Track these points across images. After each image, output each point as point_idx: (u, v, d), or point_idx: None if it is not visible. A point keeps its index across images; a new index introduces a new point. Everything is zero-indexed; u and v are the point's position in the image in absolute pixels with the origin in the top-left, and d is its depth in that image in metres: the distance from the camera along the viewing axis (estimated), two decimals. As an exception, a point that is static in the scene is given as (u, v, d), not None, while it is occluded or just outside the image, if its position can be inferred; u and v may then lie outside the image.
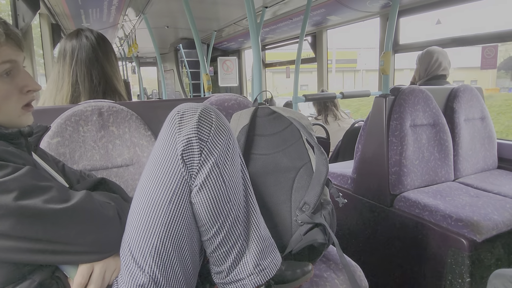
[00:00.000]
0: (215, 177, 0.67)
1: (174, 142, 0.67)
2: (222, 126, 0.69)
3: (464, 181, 1.72)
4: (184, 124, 0.67)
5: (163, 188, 0.66)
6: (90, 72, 1.23)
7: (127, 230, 0.68)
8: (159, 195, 0.66)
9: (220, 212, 0.69)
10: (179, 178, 0.66)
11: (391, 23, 1.68)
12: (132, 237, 0.66)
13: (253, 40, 1.64)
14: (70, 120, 1.05)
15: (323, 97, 2.54)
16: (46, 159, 0.80)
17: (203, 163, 0.67)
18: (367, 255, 1.70)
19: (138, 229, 0.66)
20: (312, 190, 0.98)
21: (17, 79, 0.65)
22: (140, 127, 1.14)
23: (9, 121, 0.66)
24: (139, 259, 0.65)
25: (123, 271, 0.67)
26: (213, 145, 0.67)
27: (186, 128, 0.66)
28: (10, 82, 0.64)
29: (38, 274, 0.62)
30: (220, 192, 0.68)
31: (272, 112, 1.12)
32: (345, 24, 3.34)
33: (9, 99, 0.64)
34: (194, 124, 0.67)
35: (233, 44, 5.09)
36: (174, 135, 0.67)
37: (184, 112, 0.68)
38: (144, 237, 0.65)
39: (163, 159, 0.67)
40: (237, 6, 3.11)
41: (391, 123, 1.60)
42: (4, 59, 0.62)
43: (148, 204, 0.66)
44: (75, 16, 3.33)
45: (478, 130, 1.87)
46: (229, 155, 0.70)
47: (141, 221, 0.66)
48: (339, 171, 1.94)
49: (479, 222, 1.29)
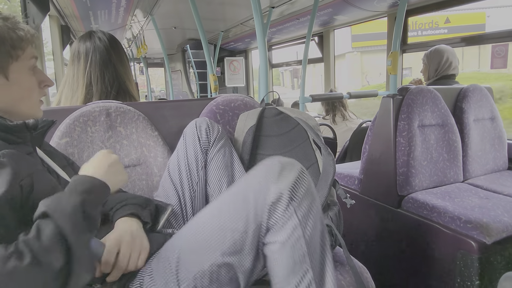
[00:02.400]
0: (297, 237, 0.66)
1: (266, 189, 0.65)
2: (311, 190, 0.69)
3: (473, 182, 1.70)
4: (283, 177, 0.66)
5: (239, 220, 0.65)
6: (103, 74, 1.24)
7: (183, 241, 0.69)
8: (231, 224, 0.65)
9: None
10: (257, 224, 0.65)
11: (399, 22, 1.67)
12: (185, 253, 0.67)
13: (259, 40, 1.64)
14: (79, 121, 1.06)
15: (330, 97, 2.53)
16: (53, 155, 0.81)
17: (286, 221, 0.65)
18: (374, 256, 1.69)
19: (195, 248, 0.67)
20: (319, 191, 0.97)
21: (37, 74, 0.72)
22: (147, 127, 1.15)
23: (30, 111, 0.72)
24: (182, 276, 0.65)
25: (159, 278, 0.67)
26: (301, 206, 0.67)
27: (284, 182, 0.66)
28: (34, 76, 0.72)
29: None
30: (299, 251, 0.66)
31: (279, 112, 1.12)
32: (352, 24, 3.32)
33: (34, 91, 0.72)
34: (291, 180, 0.66)
35: (240, 44, 5.10)
36: (268, 183, 0.66)
37: (285, 165, 0.68)
38: (198, 260, 0.65)
39: (250, 197, 0.66)
40: (244, 6, 3.11)
41: (399, 123, 1.59)
42: (32, 55, 0.71)
43: (215, 229, 0.66)
44: (84, 17, 3.37)
45: (488, 131, 1.84)
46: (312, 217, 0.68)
47: (201, 242, 0.66)
48: (346, 171, 1.92)
49: (488, 224, 1.27)
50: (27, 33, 0.70)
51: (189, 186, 0.97)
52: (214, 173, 0.98)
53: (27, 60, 0.70)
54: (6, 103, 0.68)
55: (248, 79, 5.46)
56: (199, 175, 0.98)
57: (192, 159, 0.97)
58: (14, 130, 0.67)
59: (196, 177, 0.97)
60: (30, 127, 0.70)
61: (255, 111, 1.14)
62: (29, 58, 0.70)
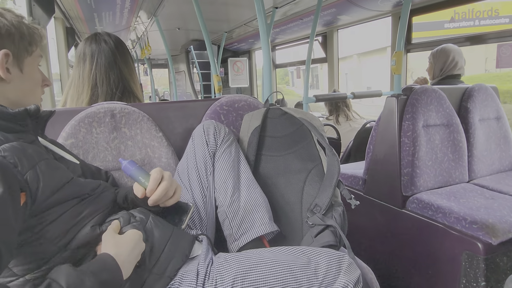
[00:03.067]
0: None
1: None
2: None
3: (479, 183, 1.68)
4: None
5: None
6: (108, 75, 1.25)
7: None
8: None
9: None
10: None
11: (403, 22, 1.66)
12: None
13: (263, 41, 1.64)
14: (84, 122, 1.07)
15: (334, 97, 2.52)
16: (56, 144, 0.83)
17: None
18: (379, 257, 1.68)
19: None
20: (324, 191, 0.97)
21: (40, 72, 0.79)
22: (151, 128, 1.15)
23: (35, 102, 0.77)
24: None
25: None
26: None
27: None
28: (40, 72, 0.78)
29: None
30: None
31: (284, 113, 1.12)
32: (356, 24, 3.31)
33: (38, 86, 0.78)
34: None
35: (244, 45, 5.11)
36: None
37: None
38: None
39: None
40: (247, 7, 3.12)
41: (403, 123, 1.58)
42: (39, 54, 0.78)
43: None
44: (88, 19, 3.39)
45: (494, 130, 1.83)
46: None
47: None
48: (350, 172, 1.92)
49: (494, 224, 1.26)
50: (40, 33, 0.77)
51: (200, 191, 0.97)
52: (220, 173, 0.98)
53: (36, 57, 0.77)
54: (17, 95, 0.73)
55: (252, 79, 5.46)
56: (209, 180, 0.98)
57: (201, 165, 0.98)
58: (16, 117, 0.69)
59: (206, 182, 0.98)
60: (31, 113, 0.72)
61: (259, 112, 1.14)
62: (38, 55, 0.77)
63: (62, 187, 0.68)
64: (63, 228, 0.68)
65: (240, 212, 0.95)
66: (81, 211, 0.72)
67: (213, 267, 0.76)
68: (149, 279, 0.72)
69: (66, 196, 0.69)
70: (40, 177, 0.64)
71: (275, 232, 0.97)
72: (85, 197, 0.75)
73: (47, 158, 0.69)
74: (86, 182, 0.78)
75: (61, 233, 0.68)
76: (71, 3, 2.81)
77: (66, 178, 0.71)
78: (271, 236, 0.98)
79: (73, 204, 0.71)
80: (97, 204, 0.77)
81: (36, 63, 0.77)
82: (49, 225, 0.66)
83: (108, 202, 0.81)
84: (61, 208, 0.68)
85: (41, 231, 0.65)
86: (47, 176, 0.65)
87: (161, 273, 0.74)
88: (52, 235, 0.66)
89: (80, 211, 0.72)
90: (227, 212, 0.96)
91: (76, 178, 0.75)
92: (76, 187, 0.72)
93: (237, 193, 0.96)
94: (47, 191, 0.64)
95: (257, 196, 0.97)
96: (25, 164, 0.62)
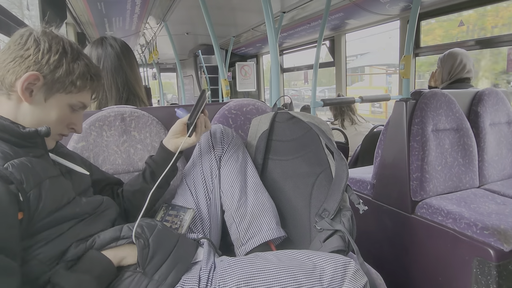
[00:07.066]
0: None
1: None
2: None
3: (490, 188, 1.66)
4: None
5: None
6: (115, 80, 1.27)
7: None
8: None
9: None
10: None
11: (412, 26, 1.65)
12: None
13: (271, 45, 1.65)
14: (95, 125, 1.09)
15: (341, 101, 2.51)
16: (67, 157, 0.82)
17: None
18: (388, 263, 1.66)
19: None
20: (332, 196, 0.97)
21: (74, 116, 0.77)
22: (160, 131, 1.16)
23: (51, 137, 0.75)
24: None
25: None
26: None
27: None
28: (70, 115, 0.75)
29: None
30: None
31: (292, 117, 1.12)
32: (364, 28, 3.30)
33: (60, 124, 0.75)
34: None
35: (251, 49, 5.13)
36: None
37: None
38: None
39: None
40: (255, 11, 3.14)
41: (412, 127, 1.57)
42: (81, 101, 0.76)
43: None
44: (99, 24, 3.45)
45: (505, 135, 1.80)
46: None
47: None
48: (358, 176, 1.91)
49: (506, 230, 1.24)
50: (94, 82, 0.76)
51: (205, 194, 0.98)
52: (227, 177, 0.98)
53: (74, 100, 0.74)
54: (33, 119, 0.71)
55: (260, 83, 5.47)
56: (214, 183, 0.98)
57: (207, 169, 0.99)
58: (26, 136, 0.69)
59: (211, 185, 0.98)
60: (42, 135, 0.71)
61: (267, 116, 1.14)
62: (77, 100, 0.75)
63: (62, 207, 0.68)
64: (58, 250, 0.67)
65: (247, 216, 0.94)
66: (78, 233, 0.71)
67: (215, 273, 0.75)
68: (149, 286, 0.71)
69: (64, 218, 0.69)
70: (43, 196, 0.64)
71: (283, 237, 0.97)
72: (85, 217, 0.74)
73: (53, 176, 0.69)
74: (88, 201, 0.77)
75: (55, 255, 0.67)
76: (82, 8, 2.86)
77: (67, 198, 0.70)
78: (279, 241, 0.98)
79: (71, 225, 0.70)
80: (96, 224, 0.76)
81: (68, 103, 0.74)
82: (43, 246, 0.66)
83: (108, 221, 0.80)
84: (58, 229, 0.68)
85: (34, 252, 0.65)
86: (49, 196, 0.65)
87: (162, 280, 0.73)
88: (45, 257, 0.66)
89: (77, 232, 0.71)
90: (234, 216, 0.96)
91: (78, 198, 0.74)
92: (76, 208, 0.72)
93: (244, 197, 0.96)
94: (43, 213, 0.65)
95: (264, 201, 0.97)
96: (30, 181, 0.63)
